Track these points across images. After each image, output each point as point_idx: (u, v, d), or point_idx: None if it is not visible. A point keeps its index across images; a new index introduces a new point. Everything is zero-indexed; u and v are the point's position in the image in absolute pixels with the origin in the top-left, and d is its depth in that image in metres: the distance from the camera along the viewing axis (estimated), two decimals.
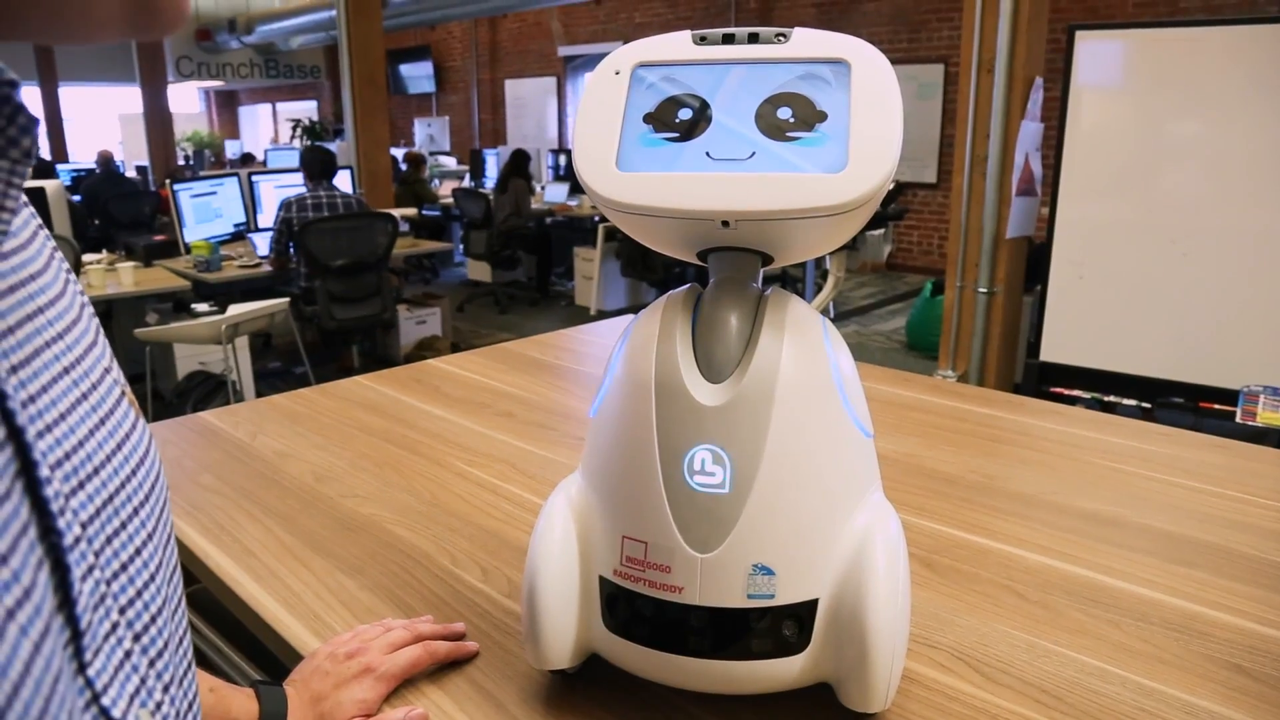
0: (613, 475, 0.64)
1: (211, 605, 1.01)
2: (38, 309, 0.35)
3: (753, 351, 0.60)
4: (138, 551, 0.37)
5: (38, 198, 4.19)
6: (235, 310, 3.74)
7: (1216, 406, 2.90)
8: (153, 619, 0.37)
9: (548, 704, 0.68)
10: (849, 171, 0.55)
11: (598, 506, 0.65)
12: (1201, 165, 2.93)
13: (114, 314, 4.35)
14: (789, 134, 0.57)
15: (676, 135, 0.59)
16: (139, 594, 0.36)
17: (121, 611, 0.35)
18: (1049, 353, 3.24)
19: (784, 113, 0.58)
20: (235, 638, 0.98)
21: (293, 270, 4.58)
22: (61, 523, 0.31)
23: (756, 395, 0.59)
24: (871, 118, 0.57)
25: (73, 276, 0.42)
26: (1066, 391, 3.16)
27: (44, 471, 0.31)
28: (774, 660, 0.62)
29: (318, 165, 4.48)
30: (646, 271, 6.28)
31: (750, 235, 0.60)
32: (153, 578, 0.38)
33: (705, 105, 0.59)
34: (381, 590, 0.83)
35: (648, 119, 0.60)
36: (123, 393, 0.40)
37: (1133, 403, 3.06)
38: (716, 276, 0.64)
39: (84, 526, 0.33)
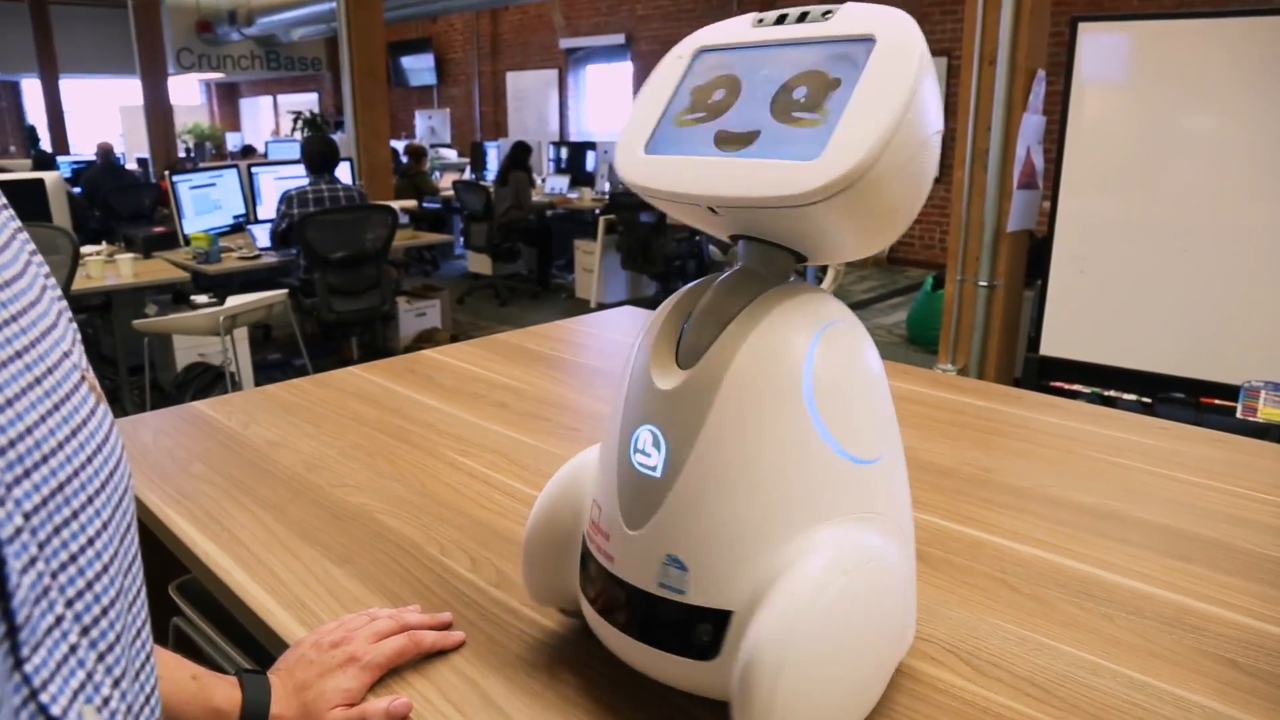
0: (604, 444, 0.66)
1: (202, 594, 1.01)
2: None
3: (714, 342, 0.59)
4: (90, 541, 0.36)
5: (37, 189, 4.18)
6: (234, 302, 3.73)
7: (1217, 402, 2.89)
8: (104, 611, 0.36)
9: (533, 694, 0.67)
10: (821, 159, 0.52)
11: (593, 469, 0.68)
12: (1204, 159, 2.92)
13: (113, 305, 4.35)
14: (795, 114, 0.56)
15: (704, 116, 0.59)
16: (89, 585, 0.35)
17: (69, 604, 0.34)
18: (1049, 347, 3.23)
19: (799, 93, 0.56)
20: (226, 628, 0.98)
21: (292, 262, 4.57)
22: None
23: (702, 385, 0.58)
24: (868, 101, 0.53)
25: (38, 259, 0.41)
26: (1067, 386, 3.16)
27: None
28: (685, 659, 0.60)
29: (319, 157, 4.47)
30: (647, 264, 6.28)
31: (753, 223, 0.60)
32: (105, 568, 0.36)
33: (738, 87, 0.59)
34: (369, 579, 0.83)
35: (689, 102, 0.60)
36: (83, 377, 0.39)
37: (1133, 397, 3.05)
38: (739, 265, 0.64)
39: (27, 516, 0.32)
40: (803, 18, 0.59)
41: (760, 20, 0.61)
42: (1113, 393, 3.08)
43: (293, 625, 0.76)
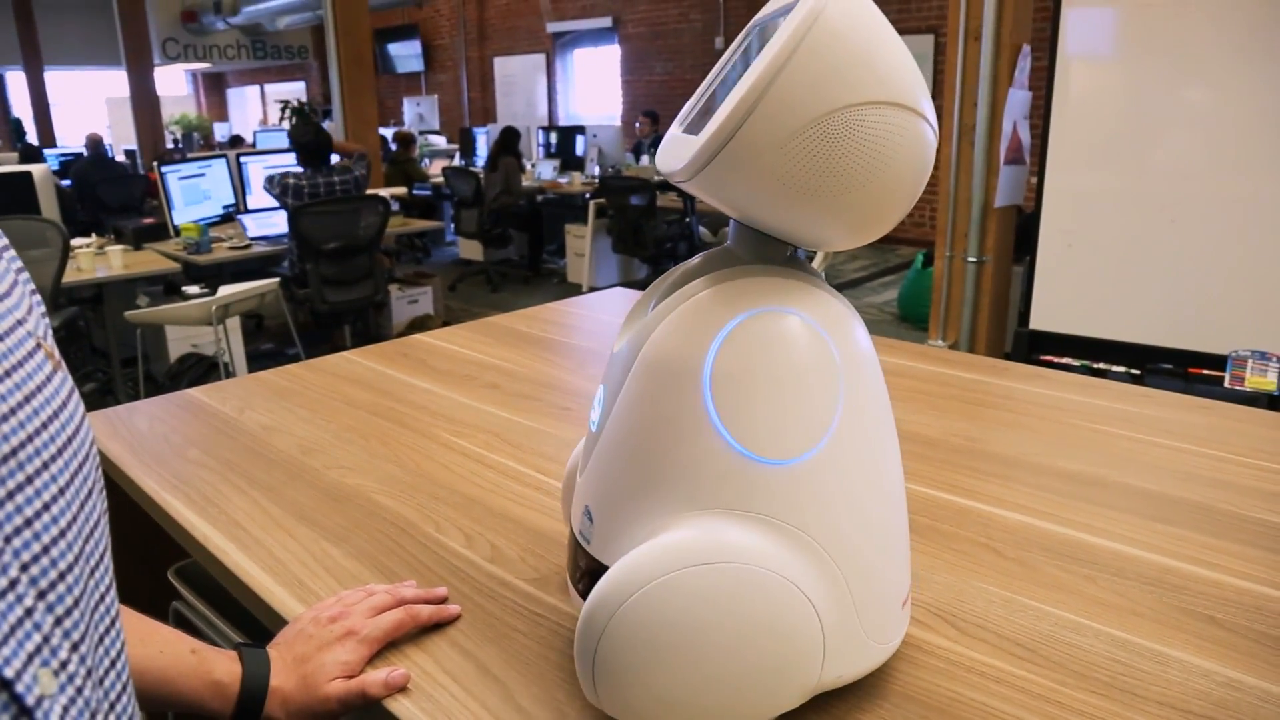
0: None
1: (201, 578, 1.02)
2: None
3: (650, 311, 0.61)
4: (46, 506, 0.36)
5: (25, 182, 4.17)
6: (225, 291, 3.73)
7: (1205, 372, 2.91)
8: (61, 575, 0.36)
9: (527, 664, 0.69)
10: (700, 135, 0.52)
11: None
12: (1190, 132, 2.92)
13: (104, 298, 4.34)
14: (730, 83, 0.55)
15: (711, 91, 0.60)
16: (45, 550, 0.35)
17: (24, 568, 0.34)
18: (1039, 321, 3.25)
19: (740, 62, 0.56)
20: (225, 610, 0.99)
21: (284, 251, 4.57)
22: None
23: (628, 354, 0.61)
24: (749, 75, 0.50)
25: None
26: (1057, 359, 3.18)
27: None
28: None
29: (311, 148, 4.42)
30: (638, 248, 6.28)
31: (714, 203, 0.59)
32: (63, 533, 0.36)
33: (736, 59, 0.58)
34: (366, 557, 0.84)
35: (725, 78, 0.60)
36: (38, 345, 0.39)
37: (1123, 369, 3.08)
38: (727, 244, 0.65)
39: None
40: None
41: None
42: (1102, 365, 3.10)
43: (292, 603, 0.77)
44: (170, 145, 11.90)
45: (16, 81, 14.68)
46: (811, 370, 0.57)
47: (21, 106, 14.86)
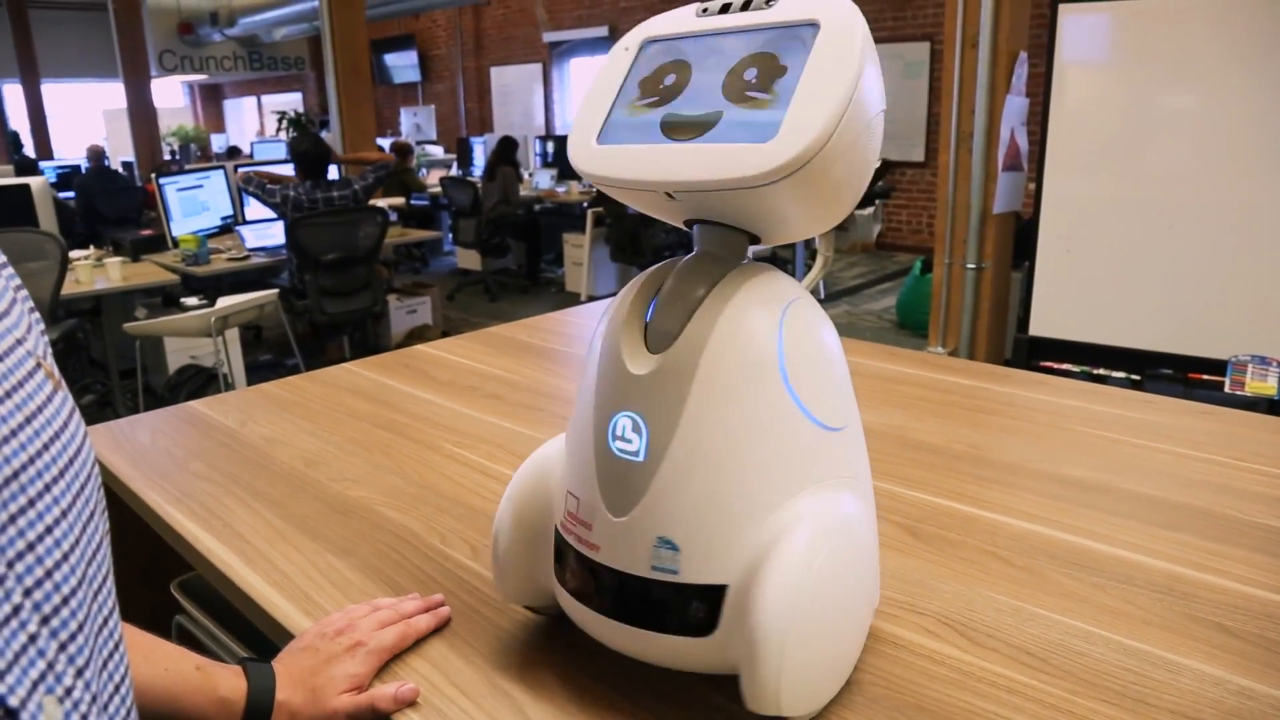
0: (571, 434, 0.67)
1: (204, 591, 1.01)
2: None
3: (688, 324, 0.60)
4: (48, 529, 0.35)
5: (23, 195, 4.16)
6: (224, 303, 3.73)
7: (1206, 377, 2.91)
8: (64, 600, 0.35)
9: (536, 676, 0.68)
10: (776, 140, 0.54)
11: (561, 461, 0.68)
12: (1187, 138, 2.93)
13: (103, 309, 4.34)
14: (748, 95, 0.57)
15: (655, 101, 0.60)
16: (48, 574, 0.34)
17: (27, 593, 0.33)
18: (1038, 327, 3.25)
19: (750, 74, 0.58)
20: (229, 623, 0.99)
21: (283, 263, 4.56)
22: None
23: (680, 368, 0.59)
24: (817, 82, 0.55)
25: None
26: (1057, 365, 3.18)
27: None
28: (681, 637, 0.61)
29: (310, 159, 4.41)
30: (636, 256, 6.28)
31: (707, 207, 0.60)
32: (66, 556, 0.36)
33: (688, 73, 0.60)
34: (371, 570, 0.84)
35: (638, 91, 0.61)
36: (38, 364, 0.38)
37: (1123, 375, 3.08)
38: (696, 249, 0.65)
39: None
40: (746, 5, 0.60)
41: (704, 10, 0.62)
42: (1102, 371, 3.11)
43: (298, 617, 0.76)
44: (167, 157, 11.93)
45: (14, 94, 14.70)
46: (837, 345, 0.65)
47: (19, 119, 14.88)
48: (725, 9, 0.61)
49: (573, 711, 0.64)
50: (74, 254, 4.27)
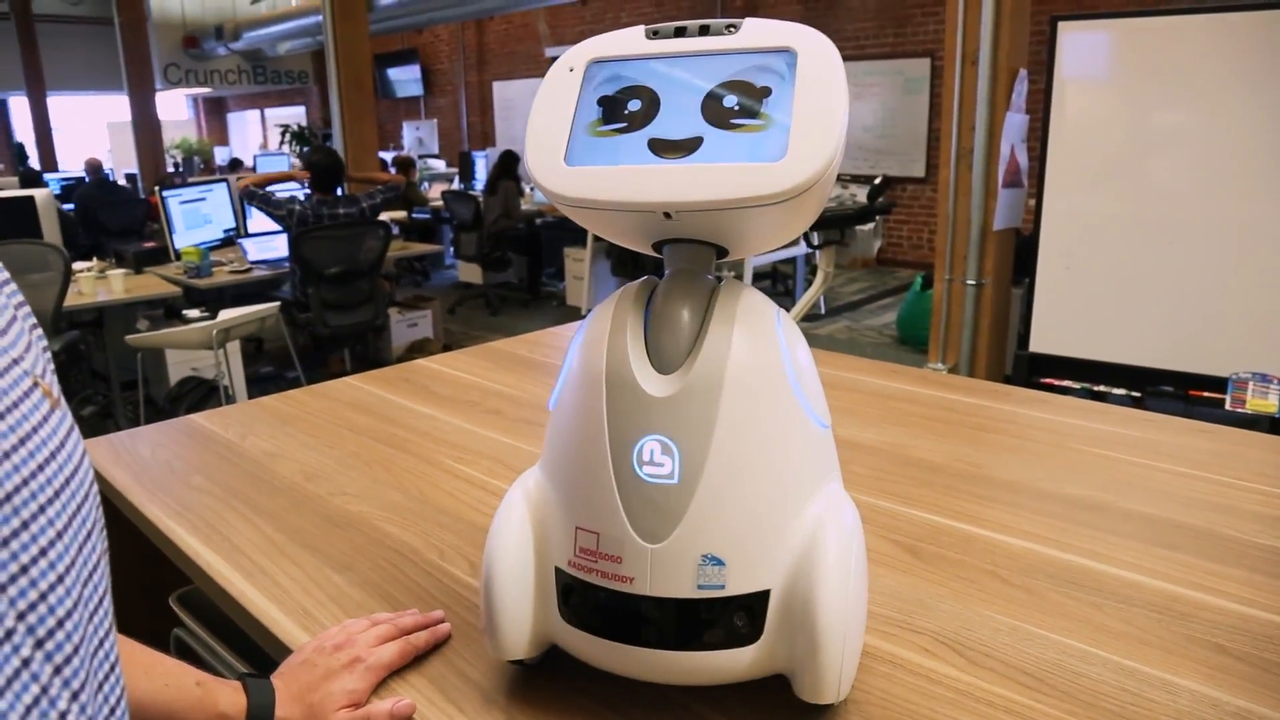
0: (567, 467, 0.64)
1: (202, 605, 1.01)
2: None
3: (702, 342, 0.60)
4: (43, 551, 0.35)
5: (27, 206, 4.18)
6: (226, 315, 3.74)
7: (1206, 394, 2.91)
8: (59, 623, 0.35)
9: (533, 692, 0.68)
10: (787, 160, 0.55)
11: (554, 498, 0.65)
12: (1187, 155, 2.94)
13: (105, 321, 4.35)
14: (733, 122, 0.57)
15: (625, 126, 0.59)
16: (43, 597, 0.34)
17: (20, 617, 0.33)
18: (1039, 344, 3.26)
19: (730, 101, 0.58)
20: (227, 637, 0.99)
21: (284, 276, 4.57)
22: None
23: (704, 386, 0.59)
24: (813, 107, 0.57)
25: None
26: (1057, 382, 3.18)
27: None
28: (726, 651, 0.61)
29: (325, 173, 4.42)
30: (637, 270, 6.29)
31: (696, 226, 0.60)
32: (61, 578, 0.35)
33: (655, 97, 0.60)
34: (370, 586, 0.84)
35: (598, 114, 0.61)
36: (35, 384, 0.38)
37: (1123, 392, 3.08)
38: (671, 268, 0.64)
39: None
40: (704, 30, 0.60)
41: (655, 32, 0.62)
42: (1103, 388, 3.11)
43: (296, 632, 0.77)
44: (171, 169, 11.96)
45: (20, 106, 14.77)
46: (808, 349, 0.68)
47: (24, 131, 14.94)
48: (680, 33, 0.61)
49: None
50: (77, 266, 4.28)
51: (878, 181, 1.40)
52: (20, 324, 0.40)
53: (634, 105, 0.60)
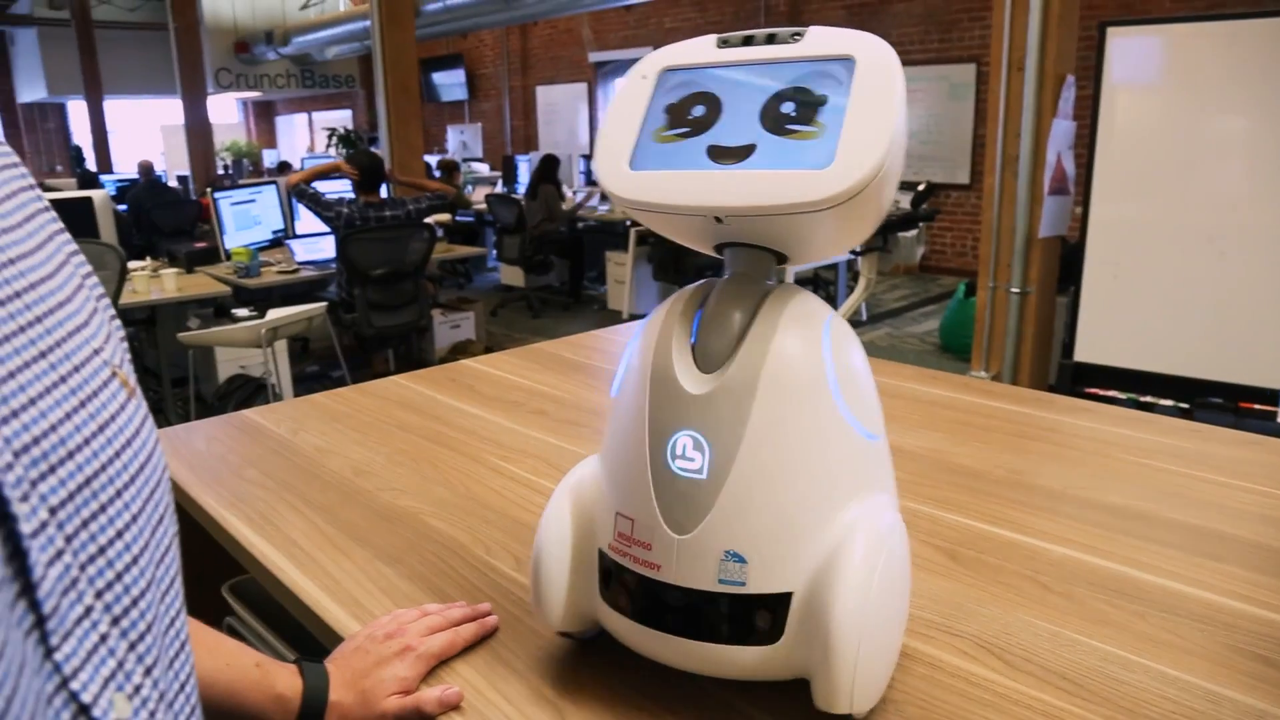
0: (614, 455, 0.67)
1: (253, 595, 1.05)
2: (14, 293, 0.35)
3: (742, 344, 0.61)
4: (119, 534, 0.36)
5: (85, 207, 4.30)
6: (274, 314, 3.81)
7: (1257, 407, 2.86)
8: (134, 602, 0.36)
9: (581, 688, 0.70)
10: (833, 167, 0.56)
11: (603, 483, 0.69)
12: (1238, 161, 2.90)
13: (158, 319, 4.45)
14: (788, 128, 0.59)
15: (687, 132, 0.62)
16: (119, 576, 0.36)
17: (98, 595, 0.34)
18: (1083, 353, 3.22)
19: (787, 107, 0.59)
20: (277, 626, 1.02)
21: (331, 276, 4.65)
22: (21, 508, 0.31)
23: (739, 386, 0.60)
24: (865, 114, 0.57)
25: (79, 260, 0.42)
26: (1102, 392, 3.14)
27: (2, 458, 0.31)
28: (747, 648, 0.62)
29: (369, 173, 4.50)
30: (678, 275, 6.30)
31: (751, 231, 0.62)
32: (135, 560, 0.37)
33: (718, 104, 0.62)
34: (419, 578, 0.86)
35: (666, 119, 0.63)
36: (113, 374, 0.40)
37: (1170, 403, 3.03)
38: (729, 271, 0.66)
39: (53, 511, 0.33)
40: (771, 39, 0.62)
41: (725, 41, 0.64)
42: (1149, 399, 3.06)
43: (347, 621, 0.79)
44: (221, 171, 12.21)
45: (78, 110, 15.18)
46: (865, 357, 0.67)
47: (82, 134, 15.35)
48: (748, 41, 0.63)
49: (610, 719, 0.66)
50: (131, 265, 4.40)
51: (921, 188, 1.40)
52: (100, 315, 0.42)
53: (697, 111, 0.62)
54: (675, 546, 0.62)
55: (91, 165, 13.64)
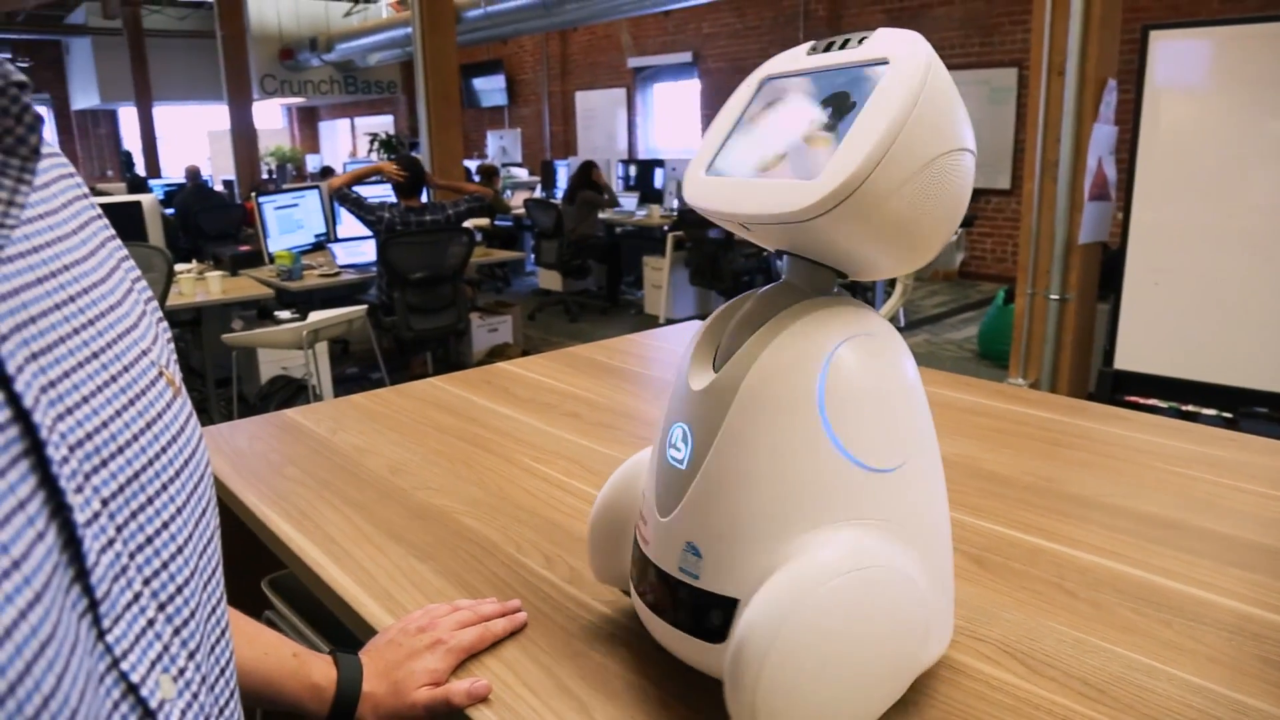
0: (654, 441, 0.71)
1: (291, 589, 1.08)
2: (69, 297, 0.37)
3: (740, 349, 0.63)
4: (165, 525, 0.38)
5: (135, 211, 4.41)
6: (316, 317, 3.88)
7: None
8: (179, 589, 0.38)
9: (605, 683, 0.71)
10: (819, 178, 0.55)
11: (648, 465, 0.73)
12: None
13: (203, 320, 4.55)
14: (815, 135, 0.59)
15: (753, 140, 0.63)
16: (165, 565, 0.38)
17: (146, 582, 0.36)
18: (1124, 361, 3.17)
19: (823, 114, 0.60)
20: (314, 620, 1.05)
21: (371, 280, 4.72)
22: (75, 499, 0.33)
23: (723, 388, 0.62)
24: (867, 122, 0.55)
25: (129, 265, 0.45)
26: (1143, 401, 3.09)
27: (59, 452, 0.33)
28: (700, 641, 0.64)
29: (410, 179, 4.57)
30: (715, 280, 6.31)
31: (788, 240, 0.63)
32: (180, 550, 0.39)
33: (780, 110, 0.63)
34: (451, 574, 0.88)
35: (746, 127, 0.65)
36: (160, 373, 0.42)
37: (1214, 412, 2.98)
38: (782, 279, 0.68)
39: (105, 503, 0.35)
40: (844, 45, 0.62)
41: (814, 48, 0.65)
42: (1191, 408, 3.01)
43: (381, 614, 0.81)
44: (265, 176, 12.42)
45: (129, 116, 15.54)
46: (900, 386, 0.64)
47: (132, 140, 15.71)
48: (830, 47, 0.63)
49: (635, 714, 0.67)
50: (178, 267, 4.50)
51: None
52: (149, 318, 0.45)
53: (765, 120, 0.64)
54: (658, 527, 0.67)
55: (141, 170, 13.96)
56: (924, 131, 0.55)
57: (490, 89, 14.23)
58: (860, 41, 0.61)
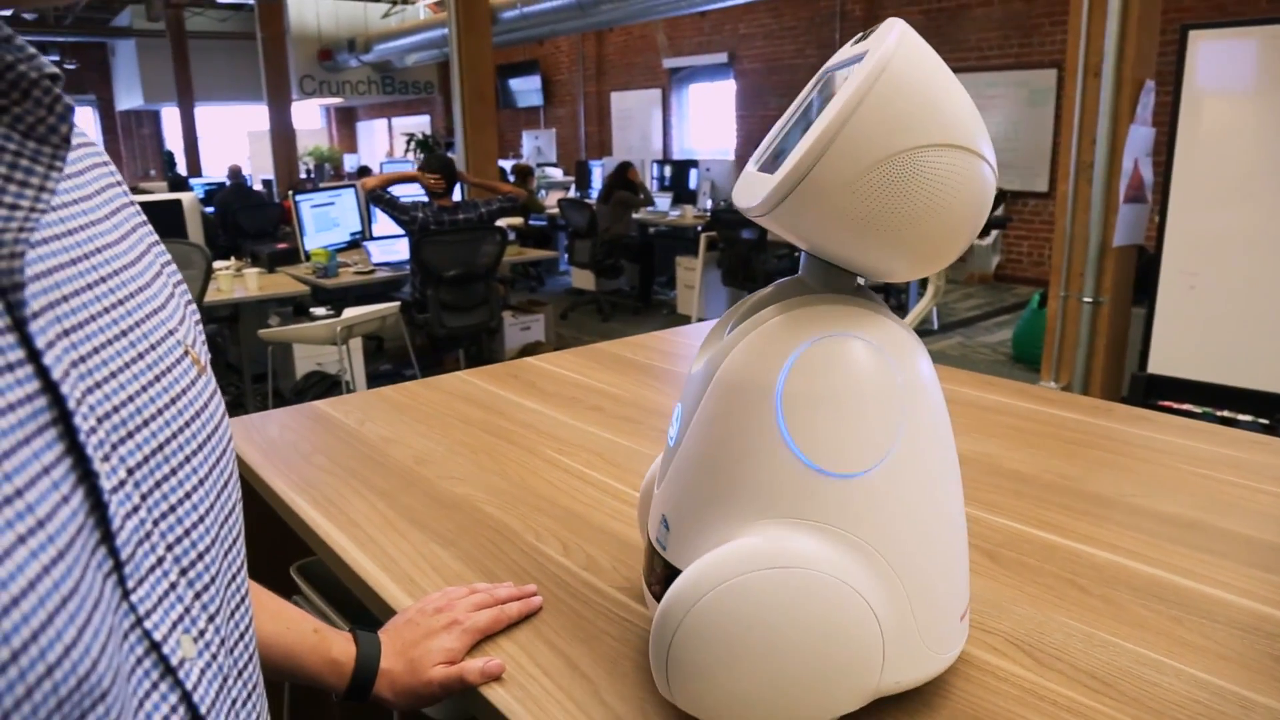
0: None
1: (319, 576, 1.10)
2: (100, 278, 0.39)
3: (719, 340, 0.66)
4: (188, 495, 0.40)
5: (175, 209, 4.51)
6: (350, 313, 3.94)
7: None
8: (200, 556, 0.41)
9: (615, 665, 0.73)
10: (776, 173, 0.56)
11: None
12: None
13: (240, 316, 4.63)
14: (800, 133, 0.59)
15: (785, 136, 0.64)
16: (187, 533, 0.40)
17: (169, 548, 0.39)
18: (1158, 365, 3.13)
19: (813, 112, 0.60)
20: (340, 605, 1.07)
21: (405, 277, 4.78)
22: (102, 467, 0.35)
23: (704, 375, 0.65)
24: (824, 117, 0.55)
25: (159, 249, 0.47)
26: (1177, 405, 3.05)
27: (86, 422, 0.35)
28: None
29: (444, 180, 4.63)
30: (748, 280, 6.30)
31: (782, 233, 0.63)
32: (201, 519, 0.41)
33: (810, 105, 0.63)
34: (470, 560, 0.91)
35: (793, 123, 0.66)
36: (185, 352, 0.44)
37: (1249, 418, 2.93)
38: (798, 275, 0.69)
39: (130, 471, 0.37)
40: (865, 36, 0.62)
41: (857, 39, 0.64)
42: (1226, 413, 2.97)
43: (402, 597, 0.84)
44: (303, 175, 12.60)
45: (171, 117, 15.84)
46: (875, 391, 0.61)
47: (174, 139, 16.00)
48: (863, 38, 0.63)
49: (645, 698, 0.69)
50: (216, 264, 4.58)
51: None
52: (177, 299, 0.47)
53: (803, 114, 0.64)
54: (655, 499, 0.71)
55: (182, 169, 14.22)
56: (877, 125, 0.54)
57: (526, 89, 14.32)
58: (871, 33, 0.61)
